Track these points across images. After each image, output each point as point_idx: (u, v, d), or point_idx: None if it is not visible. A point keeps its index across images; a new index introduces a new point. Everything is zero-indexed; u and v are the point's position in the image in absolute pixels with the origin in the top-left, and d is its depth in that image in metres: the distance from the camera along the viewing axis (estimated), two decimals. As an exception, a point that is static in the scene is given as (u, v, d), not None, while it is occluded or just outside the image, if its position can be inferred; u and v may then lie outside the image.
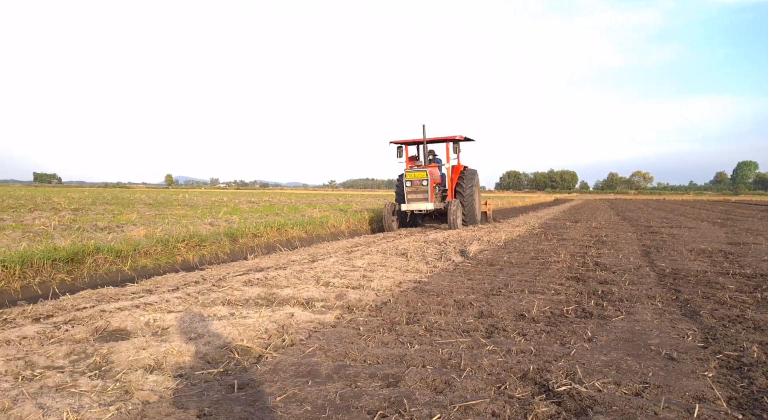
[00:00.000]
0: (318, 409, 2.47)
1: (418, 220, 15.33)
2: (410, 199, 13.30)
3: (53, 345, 3.36)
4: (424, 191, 13.14)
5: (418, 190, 13.21)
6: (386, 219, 13.78)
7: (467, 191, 14.21)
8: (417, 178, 13.16)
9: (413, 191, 13.26)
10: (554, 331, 3.83)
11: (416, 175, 13.19)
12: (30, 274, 5.87)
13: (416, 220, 15.15)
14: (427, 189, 13.10)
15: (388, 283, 5.76)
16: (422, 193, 13.18)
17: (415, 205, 13.21)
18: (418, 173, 13.20)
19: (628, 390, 2.71)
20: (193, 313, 4.18)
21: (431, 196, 13.15)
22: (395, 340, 3.59)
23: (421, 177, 13.12)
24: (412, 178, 13.21)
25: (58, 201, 22.78)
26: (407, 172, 13.42)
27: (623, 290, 5.37)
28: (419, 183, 13.14)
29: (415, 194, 13.25)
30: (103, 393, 2.66)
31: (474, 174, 14.69)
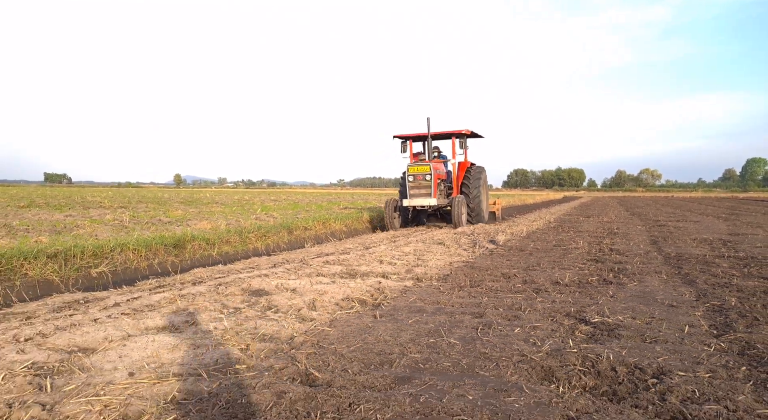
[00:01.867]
0: (437, 327, 3.77)
1: (423, 219, 14.85)
2: (412, 194, 12.68)
3: (226, 297, 4.68)
4: (427, 186, 12.53)
5: (421, 185, 12.60)
6: (388, 216, 13.22)
7: (474, 189, 13.69)
8: (420, 173, 12.58)
9: (415, 186, 12.65)
10: (584, 291, 5.12)
11: (419, 170, 12.61)
12: (150, 255, 7.21)
13: (420, 218, 14.72)
14: (430, 184, 12.49)
15: (440, 263, 7.05)
16: (425, 189, 12.57)
17: (417, 201, 12.52)
18: (421, 167, 12.62)
19: (641, 321, 3.99)
20: (305, 280, 5.49)
21: (434, 191, 12.53)
22: (468, 294, 4.90)
23: (424, 171, 12.53)
24: (415, 172, 12.64)
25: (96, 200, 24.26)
26: (410, 166, 12.79)
27: (635, 267, 6.63)
28: (422, 177, 12.55)
29: (418, 189, 12.64)
30: (282, 320, 3.96)
31: (482, 171, 14.17)
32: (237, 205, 22.68)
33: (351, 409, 2.35)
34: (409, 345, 3.31)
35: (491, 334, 3.60)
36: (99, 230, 9.86)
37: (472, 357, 3.11)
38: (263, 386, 2.58)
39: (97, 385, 2.57)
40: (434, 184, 12.53)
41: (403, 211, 13.60)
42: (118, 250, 6.79)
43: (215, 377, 2.74)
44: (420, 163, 12.79)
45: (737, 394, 2.54)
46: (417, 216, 14.37)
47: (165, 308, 4.20)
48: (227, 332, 3.52)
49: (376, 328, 3.72)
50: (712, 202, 38.81)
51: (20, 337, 3.26)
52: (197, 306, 4.30)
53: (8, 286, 5.31)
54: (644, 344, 3.38)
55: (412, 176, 12.65)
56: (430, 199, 12.42)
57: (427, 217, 14.76)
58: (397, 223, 13.40)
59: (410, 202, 12.59)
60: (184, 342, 3.27)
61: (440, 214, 14.22)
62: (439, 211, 13.70)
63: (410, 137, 14.29)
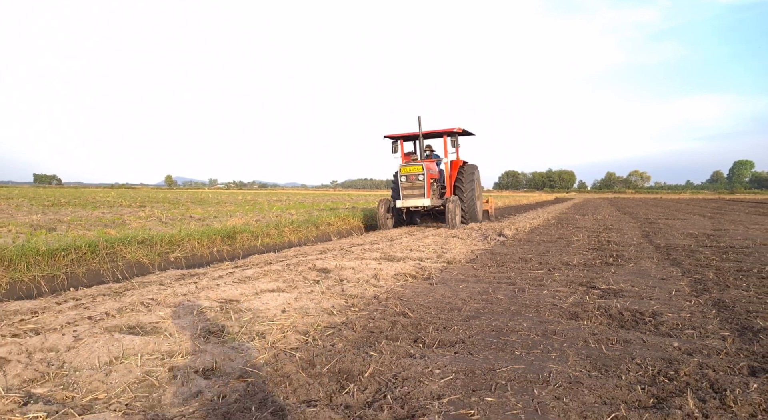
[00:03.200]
0: (483, 289, 4.88)
1: (416, 219, 14.73)
2: (405, 195, 12.51)
3: (301, 273, 5.76)
4: (421, 186, 12.35)
5: (414, 185, 12.43)
6: (380, 217, 13.07)
7: (467, 187, 13.52)
8: (413, 173, 12.40)
9: (409, 186, 12.47)
10: (590, 269, 6.25)
11: (412, 170, 12.42)
12: (210, 244, 8.27)
13: (414, 218, 14.57)
14: (424, 184, 12.29)
15: (463, 251, 8.17)
16: (418, 189, 12.39)
17: (411, 202, 12.36)
18: (414, 167, 12.42)
19: (638, 288, 5.12)
20: (356, 262, 6.58)
21: (428, 191, 12.33)
22: (498, 271, 6.03)
23: (417, 171, 12.35)
24: (408, 172, 12.45)
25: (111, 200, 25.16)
26: (402, 167, 12.60)
27: (630, 254, 7.78)
28: (415, 178, 12.38)
29: (411, 190, 12.46)
30: (352, 286, 5.03)
31: (474, 169, 14.03)
32: (247, 205, 23.70)
33: (446, 329, 3.46)
34: (468, 299, 4.43)
35: (525, 294, 4.73)
36: (146, 225, 10.88)
37: (516, 306, 4.22)
38: (379, 318, 3.69)
39: (264, 317, 3.65)
40: (428, 184, 12.34)
41: (396, 212, 13.44)
42: (187, 240, 7.84)
43: (341, 314, 3.84)
44: (412, 163, 12.60)
45: (707, 325, 3.67)
46: (410, 216, 14.23)
47: (262, 278, 5.28)
48: (326, 292, 4.62)
49: (436, 291, 4.84)
50: (699, 203, 40.31)
51: (178, 293, 4.34)
52: (285, 277, 5.39)
53: (114, 266, 6.37)
54: (642, 300, 4.51)
55: (405, 177, 12.47)
56: (424, 200, 12.25)
57: (421, 216, 14.71)
58: (390, 223, 13.26)
59: (404, 203, 12.44)
60: (299, 297, 4.36)
61: (433, 213, 14.11)
62: (432, 210, 13.57)
63: (401, 137, 14.10)
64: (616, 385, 2.51)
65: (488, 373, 2.64)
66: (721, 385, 2.48)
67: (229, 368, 2.68)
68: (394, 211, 13.32)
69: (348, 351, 2.96)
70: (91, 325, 3.35)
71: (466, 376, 2.61)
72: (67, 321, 3.46)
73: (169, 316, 3.62)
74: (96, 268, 6.20)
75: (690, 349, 3.09)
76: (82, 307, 3.89)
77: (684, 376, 2.62)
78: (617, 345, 3.19)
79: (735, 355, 2.98)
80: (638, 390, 2.45)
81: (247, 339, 3.20)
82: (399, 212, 13.45)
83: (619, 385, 2.51)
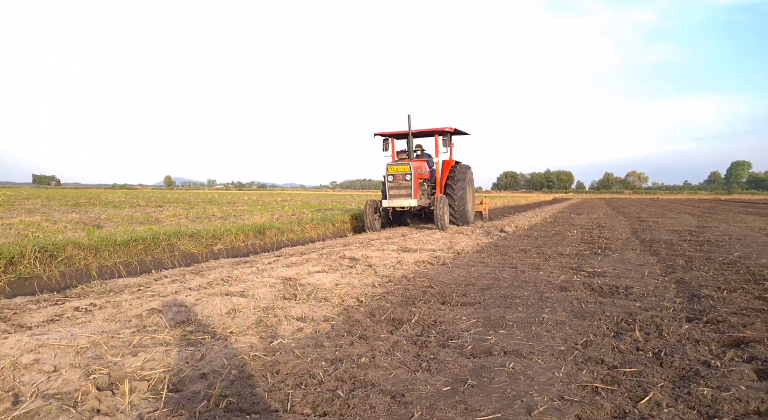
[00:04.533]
0: (490, 271, 5.96)
1: (407, 220, 14.47)
2: (392, 195, 12.20)
3: (335, 260, 6.82)
4: (407, 186, 12.05)
5: (401, 185, 12.11)
6: (368, 217, 12.62)
7: (458, 188, 13.16)
8: (399, 172, 12.09)
9: (395, 186, 12.17)
10: (580, 258, 7.34)
11: (399, 169, 12.11)
12: (244, 239, 9.34)
13: (404, 219, 14.32)
14: (411, 184, 12.01)
15: (470, 244, 9.25)
16: (405, 189, 12.09)
17: (397, 202, 12.04)
18: (401, 167, 12.11)
19: (618, 271, 6.20)
20: (379, 252, 7.65)
21: (415, 191, 12.06)
22: (502, 259, 7.11)
23: (404, 170, 12.05)
24: (395, 171, 12.15)
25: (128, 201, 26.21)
26: (389, 166, 12.29)
27: (617, 246, 8.87)
28: (402, 177, 12.06)
29: (398, 190, 12.15)
30: (382, 269, 6.09)
31: (467, 169, 13.79)
32: (258, 205, 24.74)
33: (465, 296, 4.54)
34: (479, 278, 5.51)
35: (525, 274, 5.82)
36: (179, 223, 11.94)
37: (518, 282, 5.31)
38: (412, 289, 4.77)
39: (323, 288, 4.73)
40: (415, 184, 12.10)
41: (385, 212, 13.18)
42: (226, 234, 8.92)
43: (381, 287, 4.92)
44: (400, 163, 12.35)
45: (666, 294, 4.75)
46: (400, 217, 14.02)
47: (305, 264, 6.36)
48: (362, 273, 5.70)
49: (452, 272, 5.92)
50: (693, 203, 41.48)
51: (245, 272, 5.41)
52: (324, 263, 6.46)
53: (172, 255, 7.44)
54: (619, 279, 5.59)
55: (392, 176, 12.20)
56: (411, 200, 11.97)
57: (411, 217, 14.51)
58: (378, 224, 12.89)
59: (390, 203, 12.17)
60: (343, 276, 5.43)
61: (425, 214, 13.79)
62: (423, 211, 13.28)
63: (392, 135, 13.81)
64: (589, 325, 3.60)
65: (499, 318, 3.73)
66: (662, 327, 3.55)
67: (315, 316, 3.76)
68: (381, 211, 13.01)
69: (395, 307, 4.05)
70: (196, 291, 4.43)
71: (484, 320, 3.70)
72: (175, 289, 4.54)
73: (249, 287, 4.69)
74: (158, 257, 7.28)
75: (647, 307, 4.18)
76: (178, 282, 4.97)
77: (638, 321, 3.70)
78: (594, 305, 4.27)
79: (679, 311, 4.06)
80: (604, 328, 3.53)
81: (316, 301, 4.28)
82: (388, 213, 13.16)
83: (591, 325, 3.60)
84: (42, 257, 5.71)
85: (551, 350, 3.02)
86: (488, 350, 3.02)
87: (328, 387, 2.40)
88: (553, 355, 2.94)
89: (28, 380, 2.41)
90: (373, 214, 12.65)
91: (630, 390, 2.45)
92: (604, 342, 3.22)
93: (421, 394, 2.34)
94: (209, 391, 2.35)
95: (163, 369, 2.63)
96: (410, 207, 12.26)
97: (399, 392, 2.36)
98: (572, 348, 3.09)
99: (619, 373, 2.66)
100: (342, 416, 2.12)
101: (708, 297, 4.54)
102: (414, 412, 2.16)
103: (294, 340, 3.19)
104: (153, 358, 2.76)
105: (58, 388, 2.36)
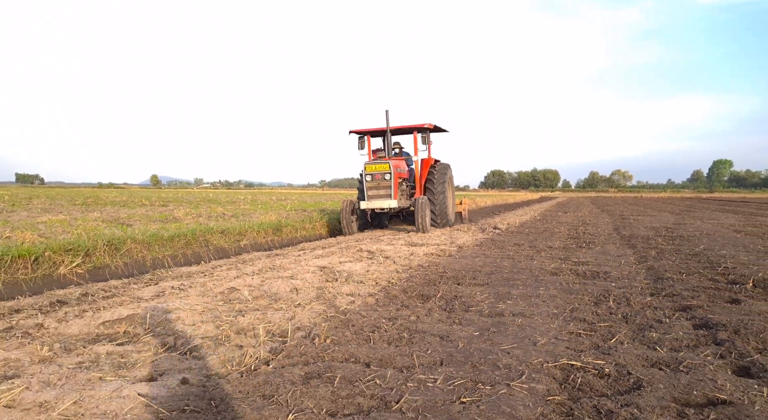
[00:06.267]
0: (492, 261, 7.01)
1: (385, 222, 13.82)
2: (371, 195, 11.61)
3: (355, 253, 7.82)
4: (387, 186, 11.49)
5: (380, 185, 11.54)
6: (344, 219, 11.97)
7: (438, 187, 12.65)
8: (378, 172, 11.52)
9: (374, 186, 11.59)
10: (568, 250, 8.42)
11: (377, 168, 11.53)
12: (264, 235, 10.31)
13: (382, 221, 13.69)
14: (390, 184, 11.45)
15: (470, 240, 10.30)
16: (384, 189, 11.52)
17: (377, 203, 11.46)
18: (380, 165, 11.53)
19: (599, 260, 7.28)
20: (390, 247, 8.66)
21: (395, 192, 11.51)
22: (499, 251, 8.17)
23: (383, 169, 11.48)
24: (373, 171, 11.56)
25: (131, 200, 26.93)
26: (367, 165, 11.66)
27: (599, 241, 9.98)
28: (381, 177, 11.50)
29: (377, 190, 11.58)
30: (399, 260, 7.10)
31: (446, 168, 13.28)
32: (258, 204, 25.62)
33: (475, 279, 5.58)
34: (483, 266, 6.56)
35: (522, 263, 6.88)
36: (198, 221, 12.84)
37: (516, 269, 6.37)
38: (430, 274, 5.81)
39: (356, 274, 5.74)
40: (395, 184, 11.52)
41: (362, 214, 12.55)
42: (249, 231, 9.88)
43: (404, 273, 5.94)
44: (378, 161, 11.71)
45: (636, 277, 5.83)
46: (378, 219, 13.41)
47: (331, 256, 7.36)
48: (383, 263, 6.71)
49: (459, 262, 6.97)
50: (675, 201, 43.08)
51: (285, 262, 6.40)
52: (347, 255, 7.47)
53: (207, 250, 8.40)
54: (600, 267, 6.67)
55: (370, 175, 11.58)
56: (390, 201, 11.40)
57: (390, 219, 13.98)
58: (355, 227, 12.26)
59: (368, 204, 11.58)
60: (369, 265, 6.44)
61: (404, 215, 13.32)
62: (402, 212, 12.81)
63: (368, 132, 13.14)
64: (575, 298, 4.65)
65: (506, 293, 4.78)
66: (630, 299, 4.62)
67: (361, 293, 4.78)
68: (359, 213, 12.40)
69: (421, 287, 5.08)
70: (256, 276, 5.41)
71: (494, 294, 4.75)
72: (235, 275, 5.52)
73: (295, 273, 5.68)
74: (197, 251, 8.23)
75: (620, 286, 5.25)
76: (234, 270, 5.95)
77: (612, 295, 4.76)
78: (579, 285, 5.33)
79: (645, 289, 5.14)
80: (586, 299, 4.59)
81: (356, 283, 5.29)
82: (365, 214, 12.56)
83: (576, 298, 4.65)
84: (109, 250, 6.65)
85: (547, 313, 4.07)
86: (500, 313, 4.06)
87: (393, 333, 3.42)
88: (548, 316, 3.99)
89: (180, 329, 3.40)
90: (350, 215, 12.01)
91: (602, 335, 3.50)
92: (585, 308, 4.28)
93: (460, 336, 3.37)
94: (315, 334, 3.35)
95: (267, 324, 3.63)
96: (390, 208, 11.71)
97: (444, 335, 3.39)
98: (562, 311, 4.14)
99: (595, 326, 3.71)
100: (410, 347, 3.14)
101: (670, 279, 5.63)
102: (458, 344, 3.18)
103: (352, 308, 4.21)
104: (256, 318, 3.76)
105: (204, 334, 3.35)
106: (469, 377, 2.62)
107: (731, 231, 12.33)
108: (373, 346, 3.12)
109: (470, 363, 2.84)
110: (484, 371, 2.71)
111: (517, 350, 3.08)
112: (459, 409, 2.25)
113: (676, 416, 2.23)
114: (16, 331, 3.27)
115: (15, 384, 2.37)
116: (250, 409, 2.18)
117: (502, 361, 2.85)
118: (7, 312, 3.87)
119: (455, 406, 2.27)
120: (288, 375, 2.58)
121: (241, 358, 2.89)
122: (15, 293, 4.89)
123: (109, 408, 2.15)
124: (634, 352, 3.07)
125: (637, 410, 2.25)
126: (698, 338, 3.39)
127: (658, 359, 2.95)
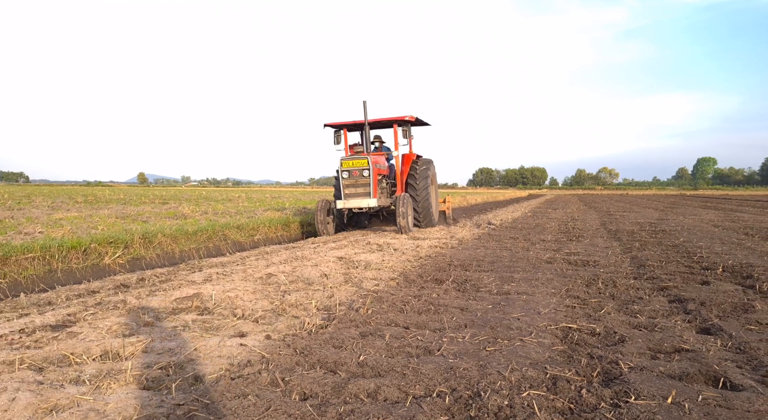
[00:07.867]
0: (491, 252, 7.72)
1: (364, 222, 12.85)
2: (348, 194, 10.65)
3: (366, 246, 8.49)
4: (365, 184, 10.57)
5: (358, 182, 10.60)
6: (319, 220, 10.95)
7: (420, 183, 11.76)
8: (356, 168, 10.53)
9: (351, 184, 10.63)
10: (559, 243, 9.17)
11: (355, 164, 10.53)
12: (274, 230, 10.93)
13: (361, 220, 12.74)
14: (369, 181, 10.52)
15: (468, 234, 11.01)
16: (363, 187, 10.60)
17: (354, 202, 10.49)
18: (358, 161, 10.54)
19: (589, 251, 8.02)
20: (396, 240, 9.34)
21: (374, 190, 10.57)
22: (497, 244, 8.90)
23: (362, 165, 10.50)
24: (350, 167, 10.55)
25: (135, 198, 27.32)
26: (344, 160, 10.64)
27: (588, 235, 10.75)
28: (359, 174, 10.53)
29: (354, 188, 10.63)
30: (408, 252, 7.78)
31: (429, 164, 12.44)
32: (255, 201, 26.18)
33: (479, 266, 6.28)
34: (485, 256, 7.27)
35: (519, 254, 7.60)
36: (206, 218, 13.43)
37: (515, 258, 7.08)
38: (438, 263, 6.51)
39: (374, 263, 6.42)
40: (374, 182, 10.59)
41: (339, 214, 11.52)
42: (261, 227, 10.51)
43: (415, 262, 6.63)
44: (356, 157, 10.69)
45: (621, 265, 6.57)
46: (357, 219, 12.58)
47: (345, 248, 8.02)
48: (393, 254, 7.40)
49: (462, 253, 7.68)
50: (659, 199, 44.26)
51: (306, 252, 7.06)
52: (358, 247, 8.13)
53: (225, 243, 9.02)
54: (589, 256, 7.41)
55: (347, 172, 10.57)
56: (370, 200, 10.47)
57: (369, 218, 13.02)
58: (331, 228, 11.30)
59: (345, 203, 10.53)
60: (382, 256, 7.12)
61: (383, 215, 12.61)
62: (383, 211, 12.13)
63: (345, 126, 12.14)
64: (569, 281, 5.38)
65: (509, 277, 5.49)
66: (616, 281, 5.34)
67: (383, 277, 5.46)
68: (335, 212, 11.43)
69: (435, 272, 5.77)
70: (286, 264, 6.06)
71: (499, 278, 5.46)
72: (266, 264, 6.16)
73: (319, 262, 6.34)
74: (217, 245, 8.85)
75: (608, 272, 5.98)
76: (263, 259, 6.59)
77: (601, 279, 5.49)
78: (571, 271, 6.06)
79: (629, 274, 5.88)
80: (578, 282, 5.32)
81: (375, 270, 5.97)
82: (341, 214, 11.52)
83: (570, 281, 5.38)
84: (144, 243, 7.26)
85: (546, 292, 4.79)
86: (507, 292, 4.76)
87: (421, 306, 4.11)
88: (547, 294, 4.70)
89: (241, 304, 4.06)
90: (325, 216, 11.02)
91: (593, 308, 4.22)
92: (579, 288, 5.00)
93: (476, 308, 4.07)
94: (357, 307, 4.03)
95: (313, 301, 4.29)
96: (369, 208, 10.66)
97: (463, 308, 4.08)
98: (559, 291, 4.86)
99: (587, 301, 4.43)
100: (437, 315, 3.83)
101: (651, 266, 6.38)
102: (477, 314, 3.88)
103: (379, 289, 4.89)
104: (300, 296, 4.42)
105: (262, 308, 4.01)
106: (490, 335, 3.32)
107: (710, 226, 13.18)
108: (407, 315, 3.81)
109: (489, 326, 3.54)
110: (500, 331, 3.41)
111: (525, 317, 3.78)
112: (486, 355, 2.94)
113: (650, 359, 2.94)
114: (107, 305, 3.91)
115: (140, 339, 3.02)
116: (328, 353, 2.86)
117: (514, 325, 3.55)
118: (85, 292, 4.50)
119: (483, 352, 2.97)
120: (347, 333, 3.26)
121: (302, 324, 3.56)
122: (73, 280, 5.50)
123: (222, 352, 2.81)
124: (619, 319, 3.78)
125: (621, 355, 2.96)
126: (671, 309, 4.12)
127: (638, 323, 3.67)
